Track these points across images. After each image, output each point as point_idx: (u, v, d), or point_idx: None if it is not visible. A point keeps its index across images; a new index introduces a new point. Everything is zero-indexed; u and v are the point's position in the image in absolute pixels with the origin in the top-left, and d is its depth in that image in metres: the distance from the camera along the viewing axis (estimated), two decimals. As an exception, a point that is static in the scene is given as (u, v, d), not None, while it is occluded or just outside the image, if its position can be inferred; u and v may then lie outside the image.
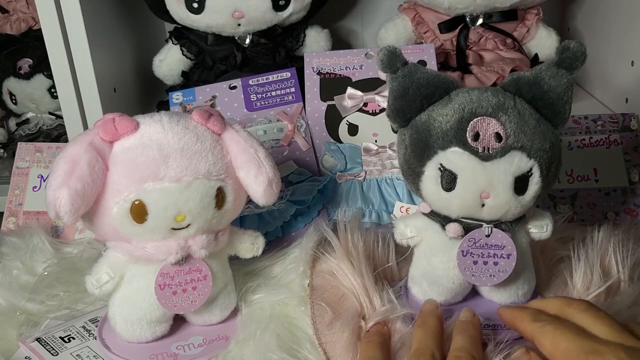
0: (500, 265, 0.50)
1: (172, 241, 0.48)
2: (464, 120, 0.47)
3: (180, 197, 0.46)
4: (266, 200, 0.50)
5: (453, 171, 0.47)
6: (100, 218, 0.47)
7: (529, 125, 0.47)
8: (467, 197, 0.47)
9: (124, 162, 0.46)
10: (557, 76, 0.47)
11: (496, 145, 0.46)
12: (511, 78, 0.49)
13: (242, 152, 0.49)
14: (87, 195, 0.44)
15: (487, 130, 0.46)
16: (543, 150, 0.47)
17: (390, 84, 0.49)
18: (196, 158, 0.47)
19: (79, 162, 0.44)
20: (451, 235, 0.49)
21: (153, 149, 0.46)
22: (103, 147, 0.46)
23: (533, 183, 0.47)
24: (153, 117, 0.48)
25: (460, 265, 0.50)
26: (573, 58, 0.47)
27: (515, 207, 0.48)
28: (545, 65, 0.48)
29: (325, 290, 0.54)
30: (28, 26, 0.92)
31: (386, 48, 0.49)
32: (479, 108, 0.47)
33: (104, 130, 0.46)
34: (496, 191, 0.47)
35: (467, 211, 0.48)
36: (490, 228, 0.49)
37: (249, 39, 0.82)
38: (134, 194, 0.45)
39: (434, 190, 0.48)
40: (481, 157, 0.46)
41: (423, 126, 0.48)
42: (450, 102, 0.48)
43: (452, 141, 0.47)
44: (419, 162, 0.49)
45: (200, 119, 0.49)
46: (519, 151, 0.46)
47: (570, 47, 0.47)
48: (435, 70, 0.50)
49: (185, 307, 0.50)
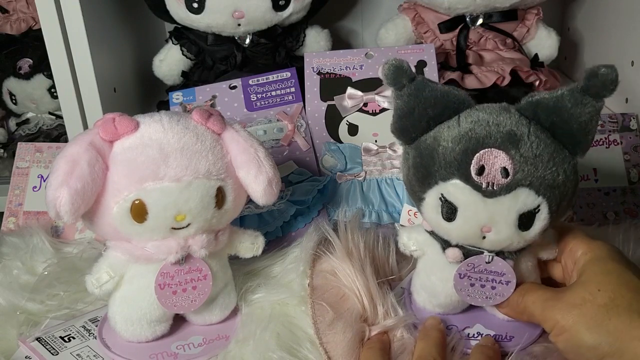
0: (498, 290, 0.48)
1: (172, 241, 0.48)
2: (469, 152, 0.43)
3: (180, 196, 0.46)
4: (266, 200, 0.50)
5: (454, 204, 0.44)
6: (101, 218, 0.47)
7: (541, 159, 0.42)
8: (467, 229, 0.45)
9: (124, 161, 0.46)
10: (580, 104, 0.42)
11: (502, 181, 0.42)
12: (530, 101, 0.44)
13: (242, 151, 0.49)
14: (87, 195, 0.44)
15: (494, 164, 0.43)
16: (554, 186, 0.43)
17: (395, 102, 0.46)
18: (196, 158, 0.47)
19: (79, 161, 0.44)
20: (450, 260, 0.48)
21: (153, 149, 0.46)
22: (103, 146, 0.46)
23: (540, 220, 0.44)
24: (153, 116, 0.48)
25: (456, 286, 0.48)
26: (601, 86, 0.42)
27: (518, 242, 0.45)
28: (568, 90, 0.43)
29: (326, 290, 0.54)
30: (28, 26, 0.93)
31: (392, 62, 0.45)
32: (487, 138, 0.43)
33: (104, 129, 0.46)
34: (498, 227, 0.44)
35: (468, 241, 0.47)
36: (491, 256, 0.47)
37: (249, 39, 0.82)
38: (134, 193, 0.45)
39: (434, 218, 0.46)
40: (484, 193, 0.43)
41: (427, 151, 0.45)
42: (458, 125, 0.44)
43: (455, 173, 0.43)
44: (420, 187, 0.46)
45: (200, 119, 0.49)
46: (527, 188, 0.42)
47: (600, 73, 0.41)
48: (445, 87, 0.45)
49: (185, 306, 0.50)
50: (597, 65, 0.42)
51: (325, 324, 0.50)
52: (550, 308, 0.44)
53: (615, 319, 0.41)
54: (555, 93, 0.43)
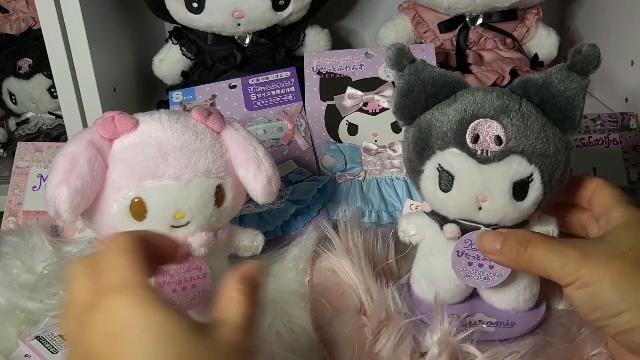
0: (496, 270, 0.49)
1: None
2: (464, 122, 0.46)
3: (180, 195, 0.46)
4: (266, 199, 0.50)
5: (450, 172, 0.46)
6: (101, 216, 0.47)
7: (532, 129, 0.45)
8: (463, 199, 0.47)
9: (123, 160, 0.46)
10: (567, 80, 0.45)
11: (495, 148, 0.45)
12: (520, 80, 0.47)
13: (242, 150, 0.49)
14: (87, 193, 0.44)
15: (488, 132, 0.45)
16: (546, 156, 0.45)
17: (397, 82, 0.49)
18: (196, 156, 0.47)
19: (79, 160, 0.44)
20: (448, 236, 0.49)
21: (153, 147, 0.46)
22: (103, 145, 0.46)
23: (533, 189, 0.46)
24: (153, 115, 0.48)
25: (454, 265, 0.49)
26: (585, 62, 0.45)
27: (514, 213, 0.46)
28: (556, 68, 0.46)
29: (326, 288, 0.54)
30: (28, 26, 0.93)
31: (395, 46, 0.48)
32: (481, 110, 0.46)
33: (104, 128, 0.46)
34: (493, 195, 0.46)
35: (464, 213, 0.48)
36: (488, 231, 0.48)
37: (249, 39, 0.82)
38: (134, 192, 0.45)
39: (432, 190, 0.48)
40: (479, 160, 0.45)
41: (425, 125, 0.48)
42: (455, 102, 0.47)
43: (451, 142, 0.46)
44: (419, 161, 0.48)
45: (200, 117, 0.49)
46: (519, 156, 0.45)
47: (583, 51, 0.45)
48: (443, 70, 0.49)
49: (185, 305, 0.50)
50: (580, 44, 0.46)
51: (325, 321, 0.51)
52: (573, 262, 0.42)
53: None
54: (544, 73, 0.47)
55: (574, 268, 0.42)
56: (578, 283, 0.42)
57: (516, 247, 0.45)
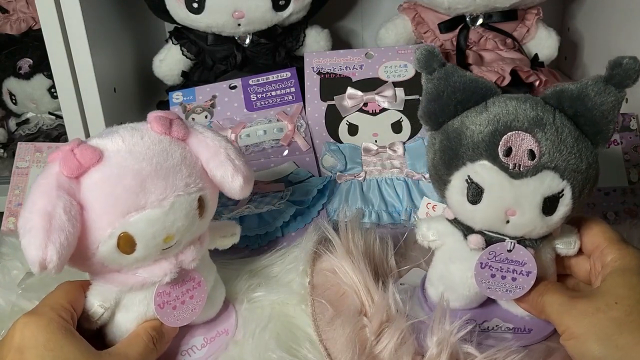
0: (519, 282, 0.48)
1: (164, 262, 0.46)
2: (497, 133, 0.44)
3: (167, 220, 0.44)
4: (242, 196, 0.49)
5: (480, 185, 0.45)
6: (87, 259, 0.43)
7: (566, 144, 0.43)
8: (491, 212, 0.45)
9: (100, 197, 0.42)
10: (603, 93, 0.44)
11: (528, 163, 0.43)
12: (554, 90, 0.45)
13: (214, 154, 0.47)
14: (71, 245, 0.41)
15: (521, 146, 0.44)
16: (578, 171, 0.44)
17: (425, 85, 0.47)
18: (172, 175, 0.44)
19: (54, 212, 0.40)
20: (472, 246, 0.48)
21: (127, 178, 0.42)
22: (71, 185, 0.42)
23: (563, 204, 0.44)
24: (112, 138, 0.44)
25: (477, 277, 0.48)
26: (625, 75, 0.43)
27: (541, 227, 0.46)
28: (592, 79, 0.44)
29: (326, 288, 0.54)
30: (28, 26, 0.93)
31: (424, 47, 0.46)
32: (514, 121, 0.44)
33: (67, 166, 0.42)
34: (522, 210, 0.44)
35: (491, 226, 0.47)
36: (513, 243, 0.47)
37: (249, 39, 0.82)
38: (118, 227, 0.42)
39: (459, 201, 0.46)
40: (511, 174, 0.44)
41: (454, 133, 0.46)
42: (486, 110, 0.45)
43: (483, 154, 0.44)
44: (446, 170, 0.47)
45: (162, 129, 0.45)
46: (552, 171, 0.43)
47: (624, 64, 0.43)
48: (473, 74, 0.47)
49: (187, 317, 0.50)
50: (620, 56, 0.44)
51: (325, 322, 0.51)
52: (565, 312, 0.44)
53: (627, 334, 0.40)
54: (579, 83, 0.45)
55: (564, 317, 0.44)
56: (567, 333, 0.43)
57: (536, 296, 0.48)
